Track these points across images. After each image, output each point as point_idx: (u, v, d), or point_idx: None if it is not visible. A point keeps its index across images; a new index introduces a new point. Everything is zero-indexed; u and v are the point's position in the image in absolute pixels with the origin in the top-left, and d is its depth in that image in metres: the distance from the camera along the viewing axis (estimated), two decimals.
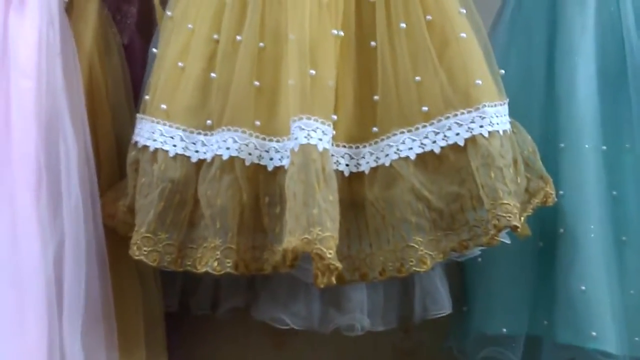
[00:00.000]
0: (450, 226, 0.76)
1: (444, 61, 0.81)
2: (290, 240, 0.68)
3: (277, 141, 0.79)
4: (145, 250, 0.79)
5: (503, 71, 0.86)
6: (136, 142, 0.87)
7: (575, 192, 0.98)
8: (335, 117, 0.78)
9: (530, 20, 1.10)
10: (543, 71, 1.07)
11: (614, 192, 1.02)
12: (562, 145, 1.01)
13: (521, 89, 1.06)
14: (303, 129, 0.72)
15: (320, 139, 0.73)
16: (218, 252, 0.76)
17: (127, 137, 0.92)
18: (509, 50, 1.11)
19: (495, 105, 0.80)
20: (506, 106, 0.83)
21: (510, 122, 0.84)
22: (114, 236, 0.88)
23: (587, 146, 0.99)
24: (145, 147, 0.84)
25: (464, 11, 0.84)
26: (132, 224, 0.84)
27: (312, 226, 0.67)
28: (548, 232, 1.01)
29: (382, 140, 0.80)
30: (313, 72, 0.77)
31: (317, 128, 0.73)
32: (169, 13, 0.92)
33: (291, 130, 0.74)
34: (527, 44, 1.09)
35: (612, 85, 1.05)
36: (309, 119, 0.73)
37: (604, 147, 1.01)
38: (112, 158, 0.95)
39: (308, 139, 0.72)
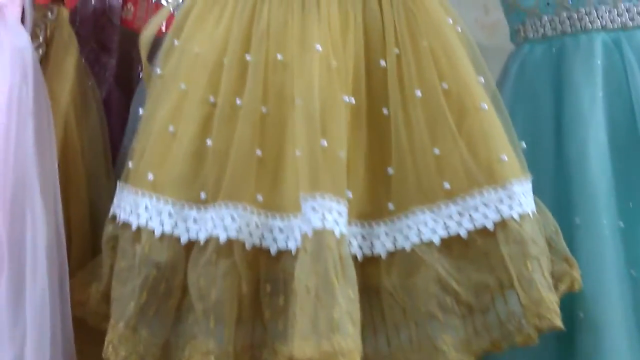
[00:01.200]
0: (481, 322, 0.67)
1: (463, 132, 0.74)
2: (303, 347, 0.58)
3: (282, 219, 0.70)
4: (122, 352, 0.66)
5: (524, 144, 0.80)
6: (115, 216, 0.76)
7: (595, 273, 0.90)
8: (350, 193, 0.69)
9: (534, 88, 1.07)
10: (551, 142, 1.02)
11: (632, 272, 0.95)
12: (578, 221, 0.94)
13: (528, 159, 1.01)
14: (316, 210, 0.63)
15: (337, 222, 0.64)
16: (212, 358, 0.64)
17: (104, 206, 0.80)
18: (514, 118, 1.06)
19: (522, 183, 0.73)
20: (530, 183, 0.76)
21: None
22: (84, 329, 0.75)
23: (604, 222, 0.93)
24: (127, 224, 0.73)
25: (482, 80, 0.78)
26: (106, 314, 0.71)
27: (332, 332, 0.57)
28: (566, 316, 0.92)
29: (400, 219, 0.71)
30: (325, 142, 0.69)
31: (332, 208, 0.64)
32: (158, 70, 0.83)
33: (303, 209, 0.65)
34: (532, 112, 1.05)
35: (624, 157, 1.00)
36: (322, 197, 0.64)
37: (621, 224, 0.95)
38: (85, 230, 0.84)
39: (323, 222, 0.63)
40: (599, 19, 1.05)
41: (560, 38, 1.07)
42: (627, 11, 1.04)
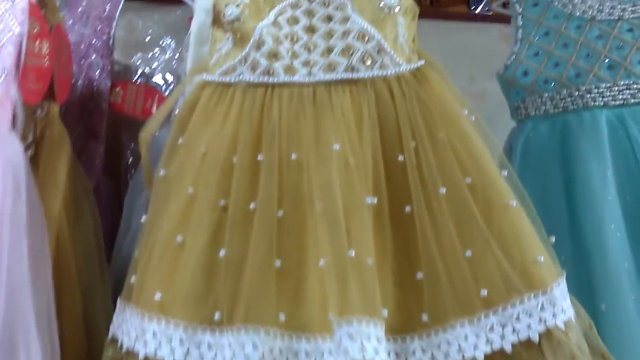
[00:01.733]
0: None
1: (493, 232, 0.70)
2: None
3: (308, 341, 0.63)
4: None
5: (553, 239, 0.76)
6: (116, 339, 0.68)
7: None
8: (386, 312, 0.63)
9: (541, 167, 1.05)
10: (565, 224, 1.00)
11: None
12: (604, 307, 0.90)
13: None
14: (354, 339, 0.57)
15: (377, 350, 0.57)
16: None
17: (99, 323, 0.72)
18: None
19: (560, 285, 0.68)
20: (565, 281, 0.72)
21: None
22: None
23: (631, 306, 0.90)
24: (132, 352, 0.65)
25: (506, 173, 0.75)
26: None
27: None
28: None
29: (437, 333, 0.65)
30: (352, 252, 0.63)
31: (370, 334, 0.58)
32: (162, 171, 0.77)
33: (336, 335, 0.58)
34: (541, 193, 1.02)
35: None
36: (359, 322, 0.58)
37: None
38: (80, 348, 0.75)
39: (363, 354, 0.56)
40: (600, 96, 1.05)
41: (563, 115, 1.06)
42: (627, 88, 1.05)
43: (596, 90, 1.05)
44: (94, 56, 1.21)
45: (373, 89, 0.80)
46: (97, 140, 1.16)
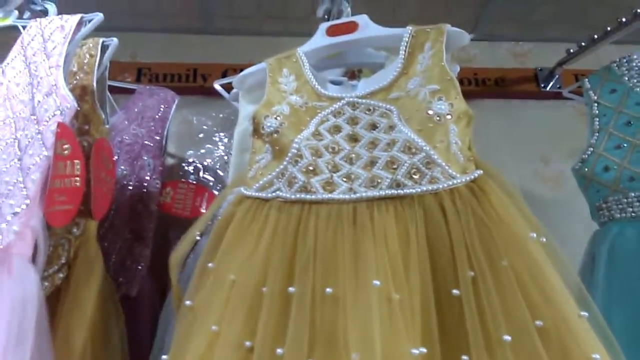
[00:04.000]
0: None
1: None
2: None
3: None
4: None
5: None
6: None
7: None
8: None
9: (631, 282, 0.89)
10: None
11: None
12: None
13: None
14: None
15: None
16: None
17: None
18: (610, 316, 0.88)
19: None
20: None
21: None
22: None
23: None
24: None
25: (586, 314, 0.62)
26: None
27: None
28: None
29: None
30: None
31: None
32: (188, 301, 0.71)
33: None
34: (631, 314, 0.86)
35: None
36: None
37: None
38: None
39: None
40: None
41: None
42: None
43: None
44: (145, 157, 1.21)
45: (422, 207, 0.71)
46: (144, 243, 1.14)
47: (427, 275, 0.65)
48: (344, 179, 0.75)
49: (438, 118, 0.75)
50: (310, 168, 0.77)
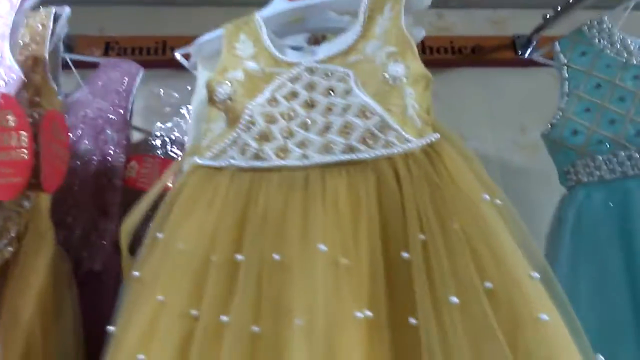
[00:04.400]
0: None
1: (520, 358, 0.55)
2: None
3: None
4: None
5: (601, 357, 0.60)
6: None
7: None
8: None
9: (599, 243, 0.88)
10: (628, 318, 0.81)
11: None
12: None
13: (601, 331, 0.80)
14: None
15: None
16: None
17: None
18: (577, 281, 0.87)
19: None
20: None
21: None
22: None
23: None
24: None
25: (537, 275, 0.61)
26: None
27: None
28: None
29: None
30: None
31: None
32: (135, 272, 0.69)
33: None
34: (597, 278, 0.85)
35: None
36: None
37: None
38: None
39: None
40: None
41: (621, 182, 0.90)
42: None
43: None
44: (109, 131, 1.19)
45: (375, 171, 0.69)
46: (109, 218, 1.12)
47: (376, 240, 0.63)
48: (298, 146, 0.73)
49: (394, 81, 0.73)
50: (264, 134, 0.75)
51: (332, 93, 0.76)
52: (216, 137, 0.79)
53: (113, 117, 1.21)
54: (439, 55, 1.58)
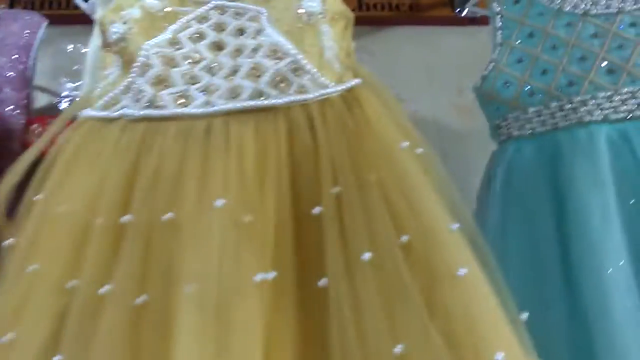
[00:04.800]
0: None
1: (435, 314, 0.50)
2: None
3: None
4: None
5: (526, 315, 0.56)
6: None
7: None
8: None
9: (527, 198, 0.84)
10: (557, 274, 0.78)
11: None
12: None
13: (530, 292, 0.77)
14: None
15: None
16: None
17: None
18: (506, 238, 0.84)
19: None
20: None
21: None
22: None
23: None
24: None
25: (456, 227, 0.55)
26: None
27: None
28: None
29: None
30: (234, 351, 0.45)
31: None
32: (10, 239, 0.60)
33: None
34: (527, 234, 0.82)
35: None
36: None
37: None
38: None
39: None
40: (598, 108, 0.84)
41: (552, 134, 0.86)
42: (632, 97, 0.84)
43: (593, 102, 0.84)
44: (7, 90, 1.06)
45: (287, 119, 0.62)
46: None
47: (285, 194, 0.57)
48: (202, 92, 0.65)
49: (308, 17, 0.66)
50: (161, 79, 0.66)
51: (243, 34, 0.68)
52: (109, 84, 0.69)
53: (12, 73, 1.08)
54: (376, 11, 1.51)
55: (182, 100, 0.64)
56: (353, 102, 0.64)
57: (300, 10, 0.66)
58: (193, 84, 0.65)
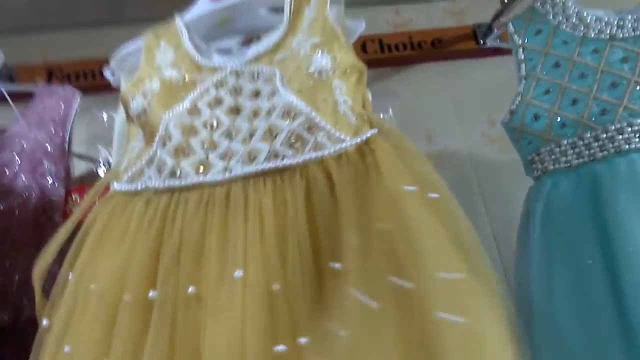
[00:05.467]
0: None
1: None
2: None
3: None
4: None
5: None
6: None
7: None
8: None
9: (569, 237, 0.79)
10: (610, 311, 0.73)
11: None
12: None
13: (582, 331, 0.72)
14: None
15: None
16: None
17: None
18: (552, 279, 0.79)
19: None
20: None
21: None
22: None
23: None
24: None
25: (454, 276, 0.52)
26: None
27: None
28: None
29: None
30: None
31: None
32: (45, 321, 0.61)
33: None
34: (574, 271, 0.77)
35: None
36: None
37: None
38: None
39: None
40: (635, 135, 0.80)
41: (590, 166, 0.82)
42: None
43: (629, 129, 0.80)
44: (46, 163, 1.10)
45: (305, 177, 0.61)
46: None
47: (307, 255, 0.55)
48: (221, 158, 0.65)
49: (319, 74, 0.66)
50: (181, 149, 0.67)
51: (258, 96, 0.69)
52: (134, 157, 0.71)
53: (50, 147, 1.12)
54: (398, 52, 1.51)
55: (203, 169, 0.65)
56: (367, 151, 0.63)
57: (311, 69, 0.66)
58: (212, 150, 0.66)
